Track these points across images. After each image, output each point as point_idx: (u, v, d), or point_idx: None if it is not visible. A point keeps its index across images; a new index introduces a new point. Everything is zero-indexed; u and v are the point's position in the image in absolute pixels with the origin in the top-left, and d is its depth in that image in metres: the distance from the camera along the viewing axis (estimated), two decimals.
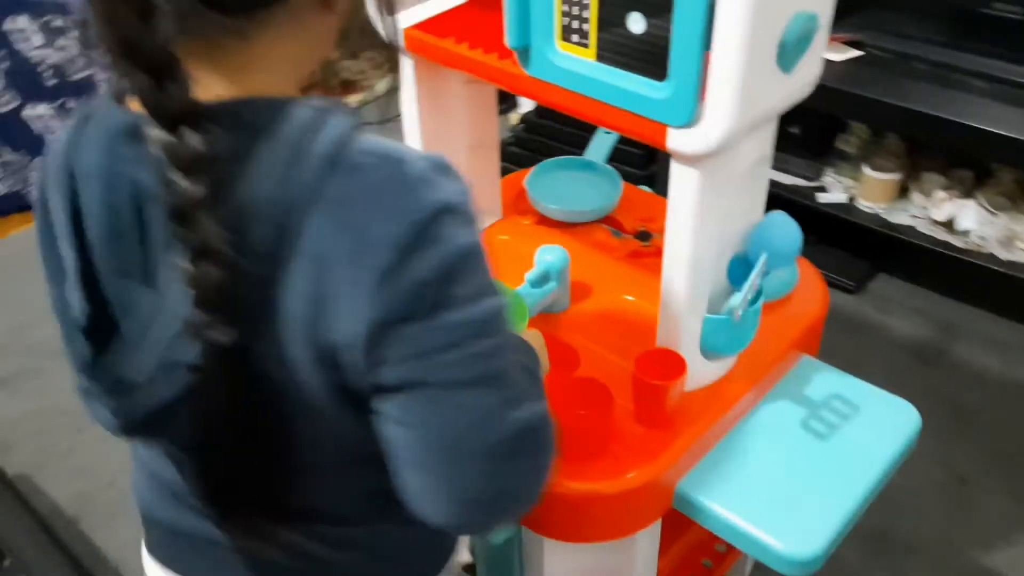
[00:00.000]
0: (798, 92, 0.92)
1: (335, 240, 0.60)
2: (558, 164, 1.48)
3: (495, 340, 0.65)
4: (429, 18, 1.14)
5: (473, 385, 0.64)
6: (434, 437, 0.64)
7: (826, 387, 1.18)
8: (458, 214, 0.63)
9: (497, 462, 0.65)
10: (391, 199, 0.61)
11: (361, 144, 0.63)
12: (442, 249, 0.61)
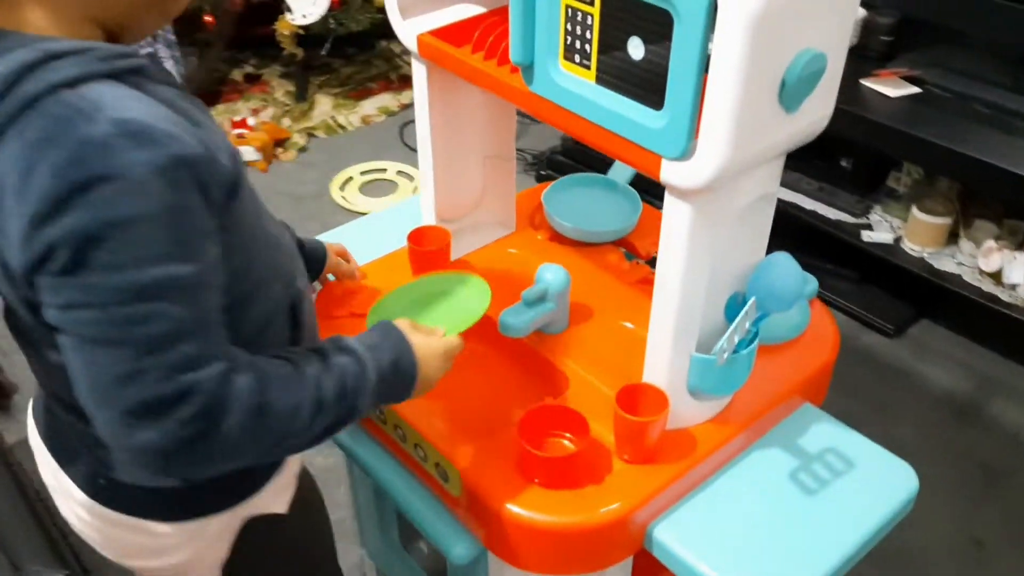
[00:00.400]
0: (805, 132, 0.88)
1: (12, 173, 0.65)
2: (578, 181, 1.45)
3: (149, 307, 0.66)
4: (447, 25, 1.13)
5: (111, 345, 0.66)
6: (80, 382, 0.69)
7: (823, 439, 1.13)
8: (124, 183, 0.64)
9: (133, 420, 0.68)
10: (62, 153, 0.64)
11: (77, 94, 0.66)
12: (93, 214, 0.63)
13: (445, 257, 1.28)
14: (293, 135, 3.10)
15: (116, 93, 0.67)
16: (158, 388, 0.67)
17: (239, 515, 0.93)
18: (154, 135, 0.65)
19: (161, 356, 0.67)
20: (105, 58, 0.68)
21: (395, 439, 1.14)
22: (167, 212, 0.66)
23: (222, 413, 0.71)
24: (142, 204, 0.64)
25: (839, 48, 0.84)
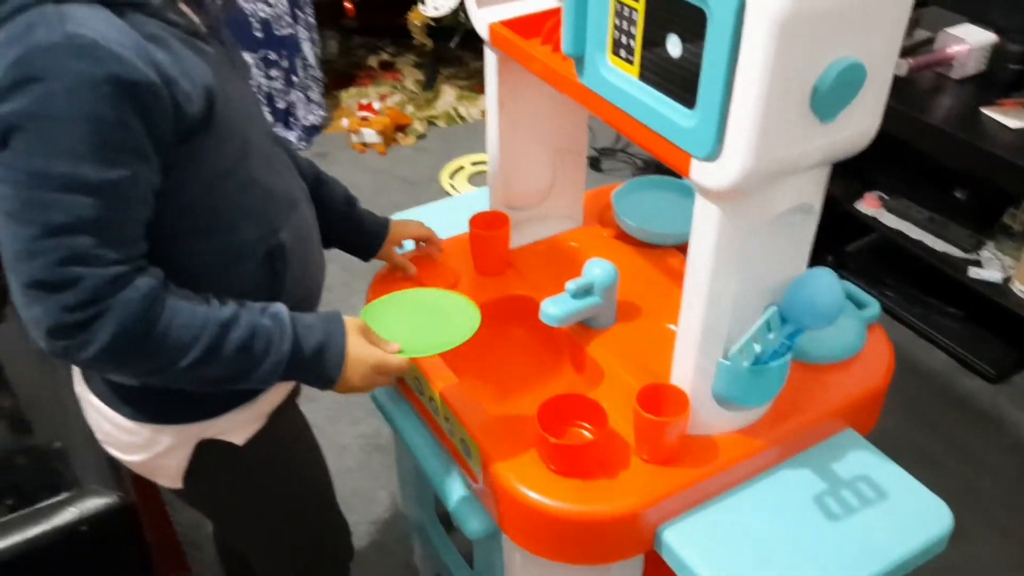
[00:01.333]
0: (845, 144, 0.86)
1: None
2: (652, 183, 1.45)
3: (53, 197, 0.74)
4: (522, 15, 1.16)
5: (18, 222, 0.75)
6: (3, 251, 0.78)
7: (859, 466, 1.10)
8: (55, 85, 0.72)
9: (29, 292, 0.77)
10: (16, 51, 0.73)
11: (58, 9, 0.74)
12: (23, 105, 0.72)
13: (504, 243, 1.31)
14: (414, 122, 3.20)
15: (90, 14, 0.75)
16: (48, 271, 0.76)
17: (192, 434, 1.00)
18: (98, 53, 0.74)
19: (56, 242, 0.75)
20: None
21: (429, 411, 1.18)
22: (90, 120, 0.74)
23: (104, 311, 0.78)
24: (67, 107, 0.73)
25: (884, 59, 0.82)
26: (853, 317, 1.20)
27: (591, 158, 2.99)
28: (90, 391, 1.01)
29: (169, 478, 1.05)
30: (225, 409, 1.00)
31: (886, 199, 2.22)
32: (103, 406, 1.00)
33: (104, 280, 0.78)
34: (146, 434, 0.99)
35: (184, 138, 0.80)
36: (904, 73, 1.98)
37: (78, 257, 0.77)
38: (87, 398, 1.02)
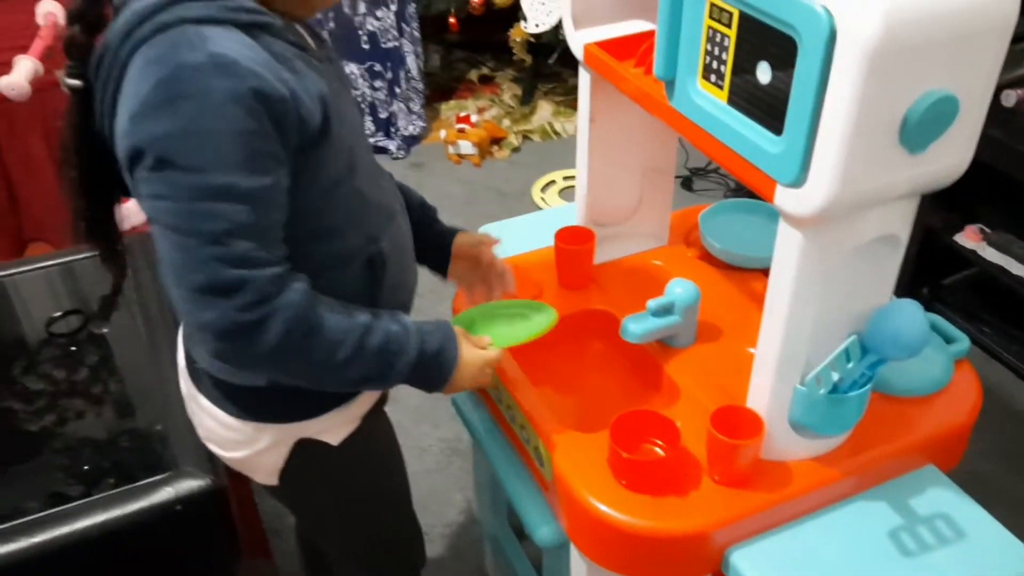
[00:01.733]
0: (934, 176, 0.86)
1: (131, 82, 0.80)
2: (739, 206, 1.45)
3: (213, 206, 0.80)
4: (617, 37, 1.18)
5: (182, 233, 0.80)
6: (163, 264, 0.84)
7: (938, 504, 1.07)
8: (205, 102, 0.78)
9: (197, 297, 0.82)
10: (163, 70, 0.78)
11: (196, 29, 0.80)
12: (177, 123, 0.78)
13: (588, 258, 1.33)
14: (510, 135, 3.25)
15: (225, 35, 0.81)
16: (217, 275, 0.81)
17: (292, 433, 1.04)
18: (239, 70, 0.79)
19: (222, 249, 0.81)
20: (232, 9, 0.82)
21: (507, 418, 1.21)
22: (239, 132, 0.79)
23: (272, 311, 0.84)
24: (217, 122, 0.78)
25: (979, 93, 0.81)
26: (941, 351, 1.18)
27: (683, 178, 2.98)
28: (198, 390, 1.06)
29: (265, 474, 1.10)
30: (324, 410, 1.04)
31: (987, 233, 2.15)
32: (210, 404, 1.05)
33: (267, 281, 0.83)
34: (249, 432, 1.04)
35: (305, 149, 0.86)
36: (1012, 104, 1.92)
37: (242, 260, 0.82)
38: (194, 396, 1.08)
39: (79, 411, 1.42)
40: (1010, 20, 0.77)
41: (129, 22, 0.81)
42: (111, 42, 0.82)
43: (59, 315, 1.60)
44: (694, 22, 0.92)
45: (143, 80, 0.79)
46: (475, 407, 1.32)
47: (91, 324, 1.59)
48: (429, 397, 2.10)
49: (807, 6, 0.76)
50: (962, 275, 2.40)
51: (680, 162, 2.99)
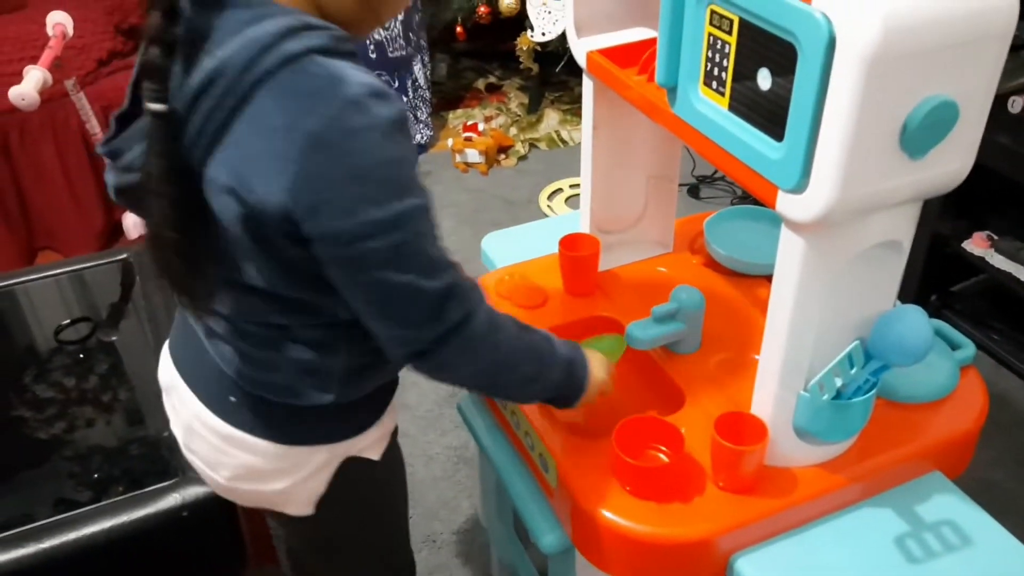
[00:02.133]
0: (935, 182, 0.86)
1: (276, 114, 0.77)
2: (744, 212, 1.45)
3: (409, 230, 0.81)
4: (620, 45, 1.19)
5: (405, 257, 0.82)
6: (371, 300, 0.85)
7: (945, 511, 1.07)
8: (379, 132, 0.77)
9: (431, 309, 0.85)
10: (331, 106, 0.76)
11: (327, 61, 0.78)
12: (363, 157, 0.77)
13: (593, 265, 1.33)
14: (516, 144, 3.26)
15: (349, 65, 0.80)
16: (440, 286, 0.84)
17: (339, 453, 1.03)
18: (389, 96, 0.79)
19: (436, 262, 0.84)
20: (340, 39, 0.82)
21: (511, 424, 1.21)
22: (406, 154, 0.80)
23: (474, 309, 0.88)
24: (393, 148, 0.79)
25: (979, 98, 0.81)
26: (946, 357, 1.18)
27: (690, 186, 2.98)
28: (235, 427, 0.99)
29: (302, 504, 1.05)
30: (370, 423, 1.04)
31: (995, 239, 2.15)
32: (252, 438, 0.99)
33: (467, 281, 0.88)
34: (296, 458, 1.00)
35: None
36: (1018, 111, 1.92)
37: (450, 266, 0.86)
38: (228, 437, 1.00)
39: (89, 419, 1.44)
40: (1010, 25, 0.78)
41: (249, 52, 0.77)
42: (226, 71, 0.77)
43: (67, 323, 1.61)
44: (695, 29, 0.92)
45: (302, 118, 0.76)
46: (480, 413, 1.33)
47: (100, 332, 1.61)
48: (436, 404, 2.14)
49: (806, 13, 0.76)
50: (971, 282, 2.39)
51: (687, 170, 2.99)
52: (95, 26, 2.50)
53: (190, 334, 1.02)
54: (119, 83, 2.52)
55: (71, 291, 1.73)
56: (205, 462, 1.05)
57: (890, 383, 1.13)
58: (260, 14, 0.79)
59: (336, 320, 0.92)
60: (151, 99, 0.79)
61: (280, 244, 0.82)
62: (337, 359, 0.95)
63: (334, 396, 0.97)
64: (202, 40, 0.79)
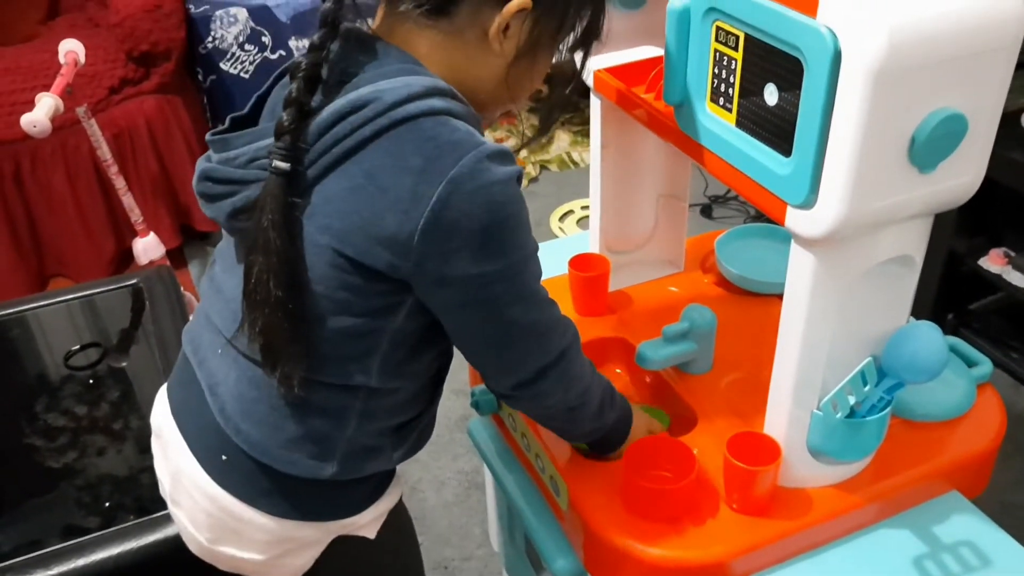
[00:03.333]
0: (946, 196, 0.85)
1: (408, 156, 0.79)
2: (755, 231, 1.44)
3: (527, 277, 0.87)
4: (627, 63, 1.19)
5: (521, 300, 0.87)
6: (489, 340, 0.90)
7: (964, 532, 1.05)
8: (509, 186, 0.81)
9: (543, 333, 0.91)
10: (458, 151, 0.79)
11: (460, 122, 0.81)
12: (498, 211, 0.80)
13: (603, 285, 1.32)
14: (527, 166, 3.27)
15: (461, 126, 0.82)
16: (552, 310, 0.92)
17: (332, 530, 0.97)
18: (512, 155, 0.83)
19: (542, 298, 0.90)
20: (474, 116, 0.86)
21: (522, 447, 1.20)
22: (524, 203, 0.84)
23: (573, 338, 0.95)
24: (519, 199, 0.83)
25: (988, 110, 0.80)
26: (962, 375, 1.16)
27: (703, 206, 2.98)
28: (227, 491, 0.94)
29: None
30: (371, 501, 0.99)
31: (1012, 256, 2.12)
32: (236, 502, 0.94)
33: (564, 315, 0.94)
34: (284, 531, 0.95)
35: None
36: None
37: (553, 301, 0.92)
38: (214, 499, 0.95)
39: (100, 447, 1.43)
40: (1018, 36, 0.77)
41: (400, 94, 0.79)
42: (374, 103, 0.79)
43: (77, 348, 1.61)
44: (701, 46, 0.92)
45: (432, 173, 0.78)
46: (490, 437, 1.31)
47: (109, 358, 1.61)
48: (447, 429, 2.13)
49: (811, 27, 0.75)
50: (988, 300, 2.36)
51: (699, 190, 2.99)
52: (106, 53, 2.53)
53: (191, 380, 0.97)
54: (130, 110, 2.55)
55: (81, 317, 1.74)
56: (189, 518, 1.00)
57: (905, 401, 1.11)
58: (415, 69, 0.83)
59: (359, 384, 0.90)
60: (279, 156, 0.80)
61: (360, 282, 0.83)
62: (344, 431, 0.92)
63: (332, 472, 0.92)
64: (349, 77, 0.83)
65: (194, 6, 2.71)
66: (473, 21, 0.84)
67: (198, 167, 0.89)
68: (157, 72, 2.59)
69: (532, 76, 0.93)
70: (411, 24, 0.85)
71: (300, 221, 0.82)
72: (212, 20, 2.71)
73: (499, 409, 1.24)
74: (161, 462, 1.03)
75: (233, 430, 0.92)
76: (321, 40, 0.82)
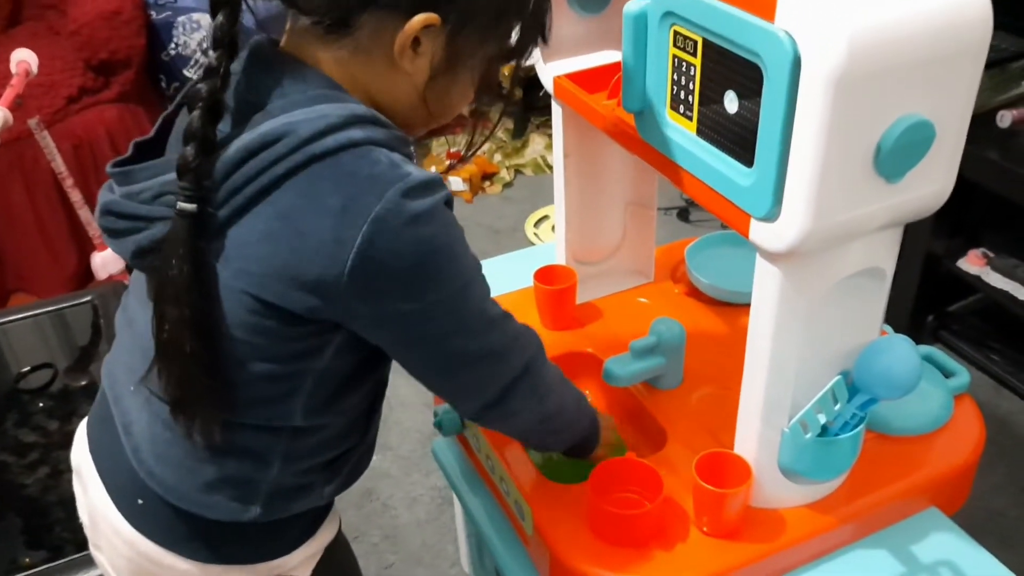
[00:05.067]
0: (913, 206, 0.81)
1: (326, 195, 0.73)
2: (727, 239, 1.40)
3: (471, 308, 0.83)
4: (587, 69, 1.15)
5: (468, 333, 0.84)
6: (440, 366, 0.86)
7: (941, 549, 1.01)
8: (441, 215, 0.77)
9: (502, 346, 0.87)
10: (378, 187, 0.74)
11: (384, 151, 0.75)
12: (433, 243, 0.76)
13: (570, 297, 1.28)
14: (501, 170, 3.22)
15: (405, 159, 0.77)
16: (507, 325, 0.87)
17: (261, 573, 0.92)
18: (434, 182, 0.76)
19: (492, 319, 0.85)
20: (400, 139, 0.79)
21: (486, 469, 1.16)
22: (458, 231, 0.79)
23: (536, 350, 0.90)
24: (449, 229, 0.77)
25: (956, 116, 0.77)
26: (939, 386, 1.12)
27: (680, 209, 2.94)
28: (144, 536, 0.89)
29: None
30: (301, 542, 0.94)
31: (991, 257, 2.10)
32: (153, 547, 0.89)
33: (523, 327, 0.90)
34: (211, 574, 0.90)
35: None
36: (1007, 125, 1.88)
37: (507, 317, 0.87)
38: (130, 539, 0.90)
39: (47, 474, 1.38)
40: (984, 41, 0.73)
41: (316, 126, 0.73)
42: (287, 137, 0.73)
43: (28, 370, 1.56)
44: (659, 51, 0.88)
45: (352, 213, 0.72)
46: (455, 458, 1.27)
47: (65, 376, 1.55)
48: (419, 444, 2.08)
49: (769, 32, 0.71)
50: (968, 301, 2.34)
51: (675, 193, 2.95)
52: (64, 63, 2.46)
53: (107, 417, 0.91)
54: (90, 120, 2.48)
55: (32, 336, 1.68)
56: (109, 563, 0.95)
57: (881, 415, 1.08)
58: (331, 95, 0.77)
59: (281, 426, 0.84)
60: (183, 198, 0.73)
61: (282, 327, 0.78)
62: (268, 472, 0.86)
63: (255, 515, 0.87)
64: (260, 104, 0.76)
65: (155, 12, 2.65)
66: (377, 38, 0.77)
67: (100, 199, 0.82)
68: (117, 81, 2.53)
69: (455, 94, 0.86)
70: (316, 42, 0.78)
71: (212, 267, 0.75)
72: (174, 27, 2.65)
73: (463, 429, 1.20)
74: (82, 501, 0.98)
75: (147, 473, 0.86)
76: (219, 62, 0.74)
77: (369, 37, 0.77)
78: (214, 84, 0.74)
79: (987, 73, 2.05)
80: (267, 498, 0.87)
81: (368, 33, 0.77)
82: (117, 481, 0.90)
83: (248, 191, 0.73)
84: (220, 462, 0.85)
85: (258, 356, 0.79)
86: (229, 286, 0.76)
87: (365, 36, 0.77)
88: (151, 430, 0.86)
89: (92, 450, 0.94)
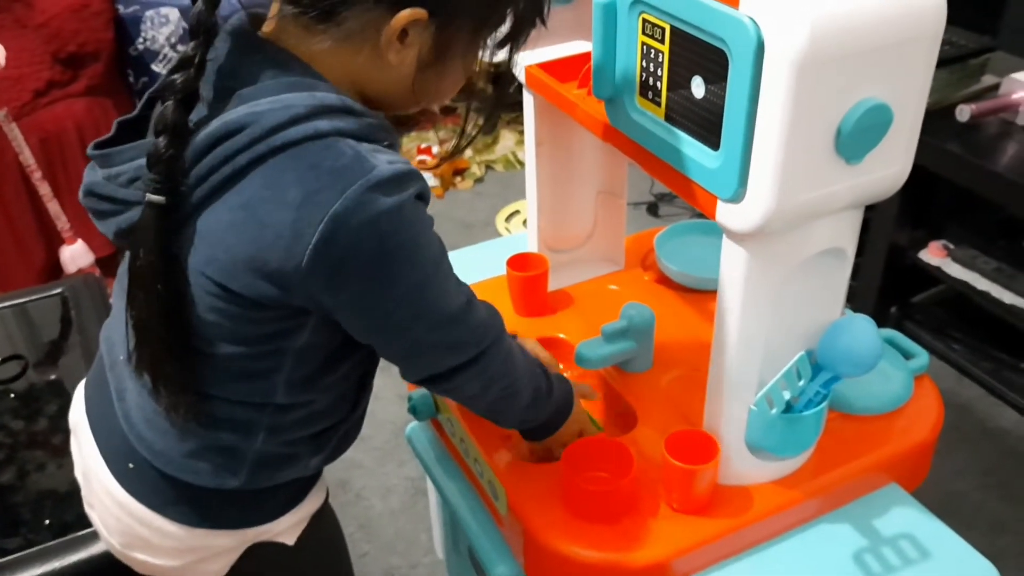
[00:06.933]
0: (874, 187, 0.84)
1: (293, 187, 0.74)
2: (695, 227, 1.43)
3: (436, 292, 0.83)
4: (559, 58, 1.17)
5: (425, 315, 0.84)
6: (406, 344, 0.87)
7: (902, 524, 1.05)
8: (409, 209, 0.77)
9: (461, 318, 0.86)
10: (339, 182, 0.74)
11: (352, 142, 0.75)
12: (403, 235, 0.77)
13: (542, 284, 1.30)
14: (472, 166, 3.24)
15: (378, 149, 0.78)
16: (471, 305, 0.87)
17: (248, 537, 0.95)
18: (414, 175, 0.78)
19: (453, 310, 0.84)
20: (376, 127, 0.79)
21: (460, 451, 1.17)
22: (426, 226, 0.80)
23: (496, 337, 0.90)
24: (413, 226, 0.78)
25: (913, 100, 0.80)
26: (900, 367, 1.16)
27: (649, 204, 2.98)
28: (129, 495, 0.92)
29: None
30: (287, 509, 0.96)
31: (951, 248, 2.15)
32: (144, 509, 0.91)
33: (486, 314, 0.90)
34: (195, 539, 0.92)
35: None
36: (966, 119, 1.93)
37: (469, 304, 0.87)
38: (121, 501, 0.92)
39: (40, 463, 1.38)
40: (938, 26, 0.76)
41: (280, 117, 0.74)
42: (251, 127, 0.74)
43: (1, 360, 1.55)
44: (628, 39, 0.90)
45: (311, 206, 0.73)
46: (429, 443, 1.29)
47: (34, 370, 1.55)
48: (393, 435, 2.09)
49: (734, 18, 0.74)
50: (931, 292, 2.40)
51: (645, 188, 2.99)
52: (32, 56, 2.44)
53: (103, 381, 0.94)
54: (58, 114, 2.46)
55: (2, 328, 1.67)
56: (101, 521, 0.97)
57: (844, 395, 1.11)
58: (302, 83, 0.77)
59: (263, 402, 0.86)
60: (152, 189, 0.74)
61: (251, 314, 0.79)
62: (252, 443, 0.88)
63: (240, 483, 0.89)
64: (234, 90, 0.77)
65: (123, 6, 2.63)
66: (364, 29, 0.78)
67: (84, 179, 0.84)
68: (85, 74, 2.51)
69: (444, 84, 0.88)
70: (301, 31, 0.79)
71: (181, 255, 0.77)
72: (142, 21, 2.63)
73: (438, 414, 1.22)
74: (77, 460, 1.00)
75: (136, 438, 0.89)
76: (195, 51, 0.75)
77: (356, 28, 0.78)
78: (188, 75, 0.74)
79: (947, 69, 2.12)
80: (252, 467, 0.89)
81: (355, 24, 0.78)
82: (110, 444, 0.92)
83: (214, 180, 0.75)
84: (204, 432, 0.86)
85: (229, 339, 0.80)
86: (199, 272, 0.77)
87: (350, 27, 0.78)
88: (140, 398, 0.88)
89: (88, 411, 0.96)
